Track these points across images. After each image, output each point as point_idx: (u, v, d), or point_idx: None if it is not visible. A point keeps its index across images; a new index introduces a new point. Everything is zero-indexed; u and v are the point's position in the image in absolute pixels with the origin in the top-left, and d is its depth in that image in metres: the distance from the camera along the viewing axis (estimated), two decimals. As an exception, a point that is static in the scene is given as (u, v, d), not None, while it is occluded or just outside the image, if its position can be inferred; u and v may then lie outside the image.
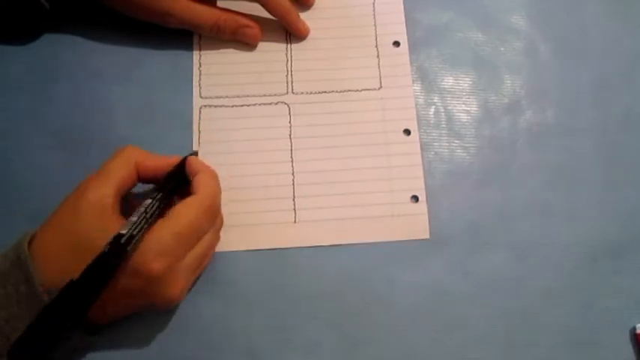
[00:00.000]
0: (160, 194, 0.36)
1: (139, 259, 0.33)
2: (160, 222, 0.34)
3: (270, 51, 0.46)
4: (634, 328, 0.40)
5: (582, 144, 0.45)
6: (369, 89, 0.45)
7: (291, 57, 0.46)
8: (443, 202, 0.43)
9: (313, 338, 0.39)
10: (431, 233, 0.42)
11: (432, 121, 0.45)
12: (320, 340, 0.39)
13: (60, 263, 0.33)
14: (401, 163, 0.43)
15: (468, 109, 0.46)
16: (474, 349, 0.39)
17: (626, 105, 0.46)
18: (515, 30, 0.48)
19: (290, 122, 0.44)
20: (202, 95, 0.45)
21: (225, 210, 0.41)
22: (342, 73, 0.46)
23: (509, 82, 0.47)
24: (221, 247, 0.41)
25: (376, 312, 0.40)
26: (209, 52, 0.46)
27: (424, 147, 0.44)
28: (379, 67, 0.46)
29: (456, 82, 0.47)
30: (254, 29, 0.45)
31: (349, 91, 0.45)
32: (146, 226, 0.34)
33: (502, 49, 0.48)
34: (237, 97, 0.45)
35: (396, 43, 0.47)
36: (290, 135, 0.44)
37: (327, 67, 0.46)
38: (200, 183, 0.37)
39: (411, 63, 0.47)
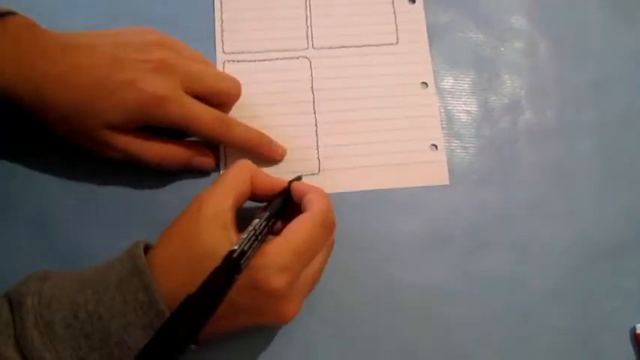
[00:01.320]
0: (268, 214, 0.36)
1: (260, 275, 0.33)
2: (277, 239, 0.34)
3: (291, 7, 0.48)
4: (634, 328, 0.40)
5: (582, 144, 0.45)
6: (386, 44, 0.47)
7: (311, 14, 0.47)
8: (443, 202, 0.43)
9: (312, 338, 0.39)
10: (431, 233, 0.42)
11: (432, 121, 0.45)
12: (319, 340, 0.39)
13: (178, 276, 0.33)
14: (420, 113, 0.45)
15: (468, 109, 0.46)
16: (474, 349, 0.39)
17: (626, 105, 0.46)
18: (515, 30, 0.48)
19: (312, 75, 0.46)
20: (225, 51, 0.46)
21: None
22: (360, 29, 0.47)
23: (509, 82, 0.47)
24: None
25: (376, 312, 0.40)
26: (231, 8, 0.47)
27: (424, 147, 0.44)
28: (396, 22, 0.48)
29: (456, 82, 0.47)
30: (208, 158, 0.42)
31: (368, 45, 0.47)
32: (257, 243, 0.33)
33: (502, 49, 0.48)
34: (259, 52, 0.46)
35: (412, 0, 0.48)
36: (312, 87, 0.45)
37: (346, 24, 0.47)
38: (312, 200, 0.37)
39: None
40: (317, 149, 0.44)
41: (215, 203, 0.35)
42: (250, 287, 0.33)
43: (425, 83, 0.46)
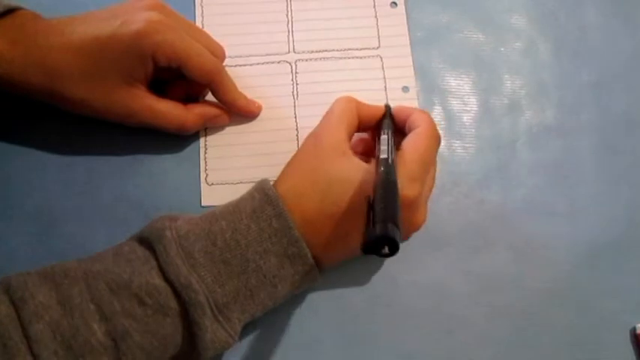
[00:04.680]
0: (389, 130, 0.39)
1: None
2: (401, 154, 0.37)
3: (271, 12, 0.47)
4: (634, 328, 0.40)
5: (582, 144, 0.45)
6: (368, 48, 0.47)
7: (292, 18, 0.47)
8: (443, 202, 0.43)
9: (313, 337, 0.39)
10: (431, 233, 0.42)
11: (432, 121, 0.45)
12: (320, 340, 0.39)
13: (306, 204, 0.35)
14: None
15: (468, 109, 0.46)
16: (474, 349, 0.39)
17: (626, 105, 0.46)
18: (515, 30, 0.48)
19: (292, 80, 0.45)
20: None
21: (228, 165, 0.42)
22: (341, 33, 0.47)
23: (509, 82, 0.47)
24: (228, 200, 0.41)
25: (376, 311, 0.40)
26: (212, 13, 0.47)
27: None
28: (377, 26, 0.48)
29: (456, 82, 0.47)
30: (222, 116, 0.43)
31: (349, 49, 0.47)
32: (395, 153, 0.36)
33: (502, 49, 0.48)
34: (240, 57, 0.46)
35: (393, 4, 0.48)
36: (293, 92, 0.45)
37: (327, 28, 0.47)
38: (419, 118, 0.39)
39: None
40: None
41: (330, 135, 0.37)
42: None
43: (406, 87, 0.46)
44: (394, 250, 0.30)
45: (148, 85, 0.40)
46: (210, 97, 0.43)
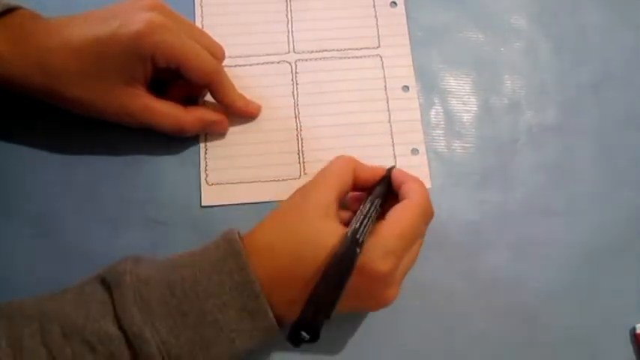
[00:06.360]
0: (373, 197, 0.37)
1: (366, 259, 0.33)
2: (381, 224, 0.35)
3: (271, 12, 0.47)
4: (634, 328, 0.40)
5: (582, 144, 0.45)
6: (368, 47, 0.47)
7: (292, 18, 0.47)
8: (443, 202, 0.43)
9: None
10: (431, 233, 0.42)
11: (432, 121, 0.45)
12: (320, 340, 0.39)
13: (275, 260, 0.34)
14: (401, 118, 0.45)
15: (468, 109, 0.46)
16: (474, 349, 0.39)
17: (626, 105, 0.46)
18: (515, 30, 0.48)
19: (292, 80, 0.45)
20: None
21: (228, 165, 0.42)
22: (341, 33, 0.47)
23: (509, 82, 0.47)
24: (229, 200, 0.42)
25: (376, 312, 0.40)
26: (211, 13, 0.47)
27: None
28: (377, 26, 0.48)
29: (456, 82, 0.47)
30: (222, 123, 0.43)
31: (349, 49, 0.47)
32: (369, 222, 0.34)
33: (502, 49, 0.48)
34: (240, 57, 0.46)
35: (393, 4, 0.48)
36: (293, 92, 0.45)
37: (327, 27, 0.47)
38: (412, 189, 0.37)
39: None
40: (298, 154, 0.43)
41: (319, 193, 0.36)
42: (357, 271, 0.33)
43: (406, 87, 0.46)
44: (314, 339, 0.31)
45: (147, 86, 0.40)
46: (209, 97, 0.43)
